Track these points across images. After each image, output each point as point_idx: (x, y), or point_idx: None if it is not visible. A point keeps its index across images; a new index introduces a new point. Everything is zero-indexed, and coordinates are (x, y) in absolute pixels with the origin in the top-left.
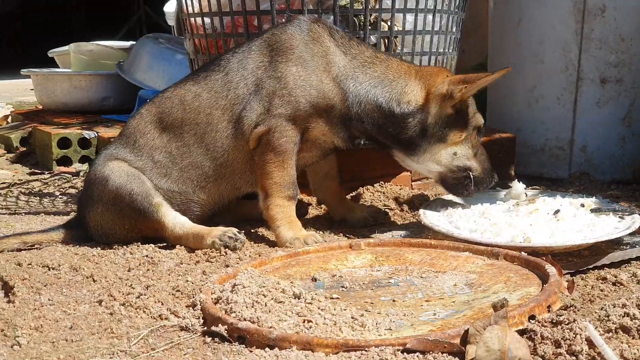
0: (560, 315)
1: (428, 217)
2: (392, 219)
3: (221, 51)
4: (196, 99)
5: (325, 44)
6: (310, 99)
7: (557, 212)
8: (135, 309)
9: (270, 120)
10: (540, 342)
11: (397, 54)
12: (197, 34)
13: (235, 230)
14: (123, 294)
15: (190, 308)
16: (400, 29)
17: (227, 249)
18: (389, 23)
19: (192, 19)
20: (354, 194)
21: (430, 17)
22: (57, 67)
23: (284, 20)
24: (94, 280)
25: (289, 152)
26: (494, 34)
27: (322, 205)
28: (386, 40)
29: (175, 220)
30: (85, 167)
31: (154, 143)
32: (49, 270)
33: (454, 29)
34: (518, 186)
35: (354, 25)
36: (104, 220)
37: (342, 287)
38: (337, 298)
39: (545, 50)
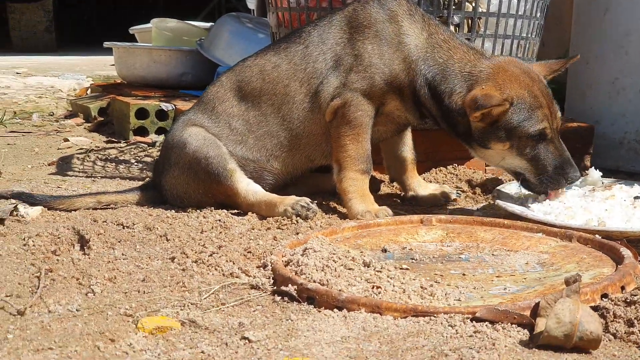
0: (635, 296)
1: (502, 197)
2: (463, 201)
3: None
4: (275, 70)
5: (401, 23)
6: (384, 76)
7: (637, 198)
8: (207, 266)
9: (347, 94)
10: (613, 320)
11: (479, 35)
12: (280, 7)
13: (307, 199)
14: (195, 252)
15: (261, 268)
16: (485, 10)
17: (298, 218)
18: (473, 4)
19: None
20: (427, 174)
21: (515, 0)
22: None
23: None
24: (167, 239)
25: (364, 125)
26: (577, 24)
27: (395, 184)
28: (470, 21)
29: (248, 187)
30: (161, 138)
31: (232, 110)
32: (124, 228)
33: (538, 14)
34: (594, 173)
35: (438, 4)
36: (179, 184)
37: (412, 259)
38: (407, 269)
39: (631, 42)
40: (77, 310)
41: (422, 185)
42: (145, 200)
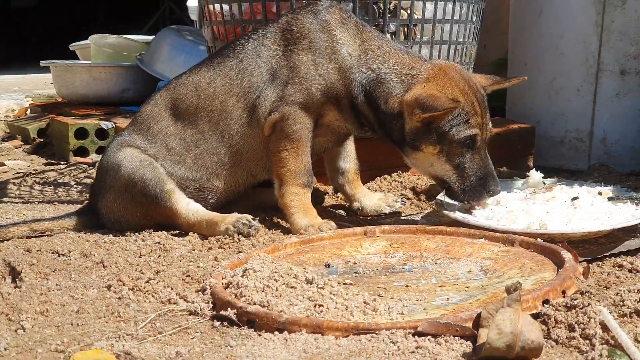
0: (575, 300)
1: (444, 204)
2: (408, 208)
3: None
4: (211, 85)
5: (334, 32)
6: (320, 87)
7: (575, 199)
8: (144, 293)
9: (284, 107)
10: (554, 326)
11: (416, 42)
12: (215, 21)
13: (249, 217)
14: (132, 279)
15: (200, 293)
16: (420, 17)
17: (240, 236)
18: (408, 11)
19: (211, 6)
20: (371, 183)
21: (450, 5)
22: (78, 60)
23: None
24: (104, 266)
25: (303, 139)
26: (514, 27)
27: (339, 195)
28: (405, 29)
29: (188, 207)
30: None
31: (168, 130)
32: (59, 256)
33: (474, 19)
34: (535, 175)
35: (373, 12)
36: (116, 208)
37: (356, 273)
38: (350, 283)
39: (566, 42)
40: (4, 349)
41: (367, 195)
42: (82, 225)
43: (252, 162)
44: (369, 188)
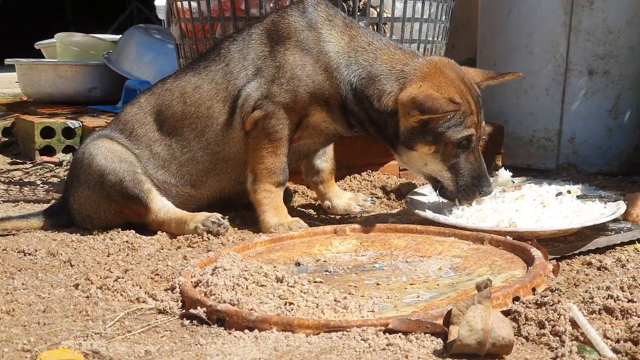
0: (545, 297)
1: (414, 203)
2: (378, 207)
3: (207, 36)
4: (197, 92)
5: (320, 30)
6: (307, 89)
7: (559, 194)
8: (113, 292)
9: (269, 106)
10: (524, 323)
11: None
12: (183, 18)
13: (219, 215)
14: (100, 278)
15: (169, 291)
16: (389, 15)
17: (209, 234)
18: (378, 9)
19: (179, 3)
20: (341, 181)
21: (419, 4)
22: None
23: (271, 4)
24: (72, 265)
25: (283, 139)
26: (483, 26)
27: (309, 193)
28: (375, 27)
29: (160, 205)
30: (69, 157)
31: (153, 135)
32: (25, 255)
33: (443, 17)
34: (504, 174)
35: (342, 10)
36: (89, 203)
37: (326, 271)
38: (321, 282)
39: (534, 42)
40: None
41: (338, 195)
42: (50, 224)
43: (239, 168)
44: (339, 186)
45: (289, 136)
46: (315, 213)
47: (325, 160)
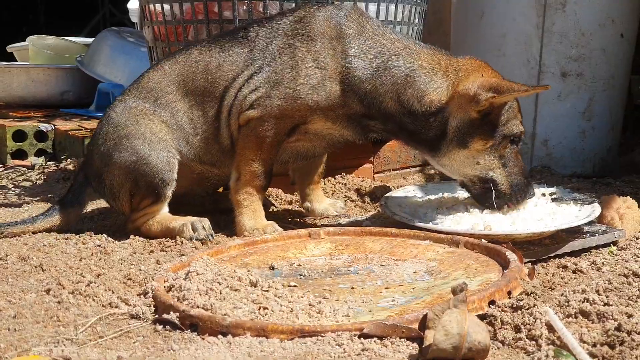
0: (521, 301)
1: (389, 206)
2: (353, 210)
3: (180, 39)
4: (218, 70)
5: (350, 43)
6: (316, 98)
7: (543, 195)
8: (85, 297)
9: (267, 109)
10: (500, 327)
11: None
12: (156, 21)
13: (208, 223)
14: (72, 283)
15: (142, 296)
16: None
17: (195, 238)
18: None
19: (152, 6)
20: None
21: (392, 7)
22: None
23: (244, 7)
24: (43, 270)
25: (274, 144)
26: (456, 28)
27: (283, 197)
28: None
29: (165, 210)
30: (40, 160)
31: (176, 105)
32: None
33: (417, 20)
34: None
35: None
36: (118, 179)
37: (301, 275)
38: (295, 286)
39: (507, 44)
40: None
41: (319, 199)
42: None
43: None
44: None
45: (279, 141)
46: (289, 217)
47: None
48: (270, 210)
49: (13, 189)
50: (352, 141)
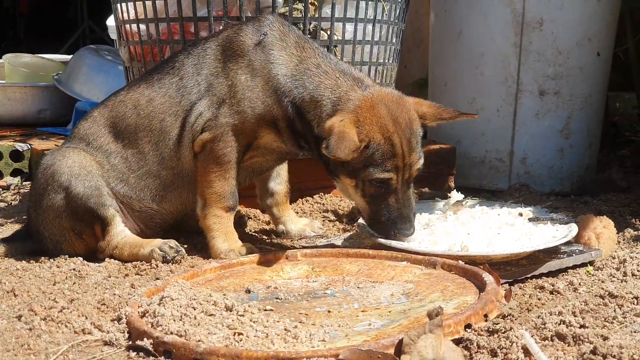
0: (497, 324)
1: (367, 227)
2: (331, 230)
3: (157, 59)
4: (150, 104)
5: (271, 50)
6: (257, 111)
7: (520, 215)
8: (57, 323)
9: (217, 128)
10: (477, 351)
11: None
12: (132, 41)
13: (174, 241)
14: (45, 308)
15: (116, 322)
16: (340, 38)
17: (164, 261)
18: (328, 32)
19: (128, 26)
20: (293, 205)
21: (370, 27)
22: None
23: (221, 27)
24: (15, 295)
25: (232, 162)
26: (434, 46)
27: (261, 218)
28: (326, 49)
29: (120, 228)
30: (16, 180)
31: (109, 147)
32: None
33: (394, 40)
34: (456, 196)
35: None
36: (55, 226)
37: (277, 298)
38: (271, 310)
39: (485, 63)
40: None
41: (293, 220)
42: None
43: (196, 184)
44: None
45: (237, 159)
46: (267, 238)
47: (279, 182)
48: (247, 230)
49: None
50: (295, 154)
